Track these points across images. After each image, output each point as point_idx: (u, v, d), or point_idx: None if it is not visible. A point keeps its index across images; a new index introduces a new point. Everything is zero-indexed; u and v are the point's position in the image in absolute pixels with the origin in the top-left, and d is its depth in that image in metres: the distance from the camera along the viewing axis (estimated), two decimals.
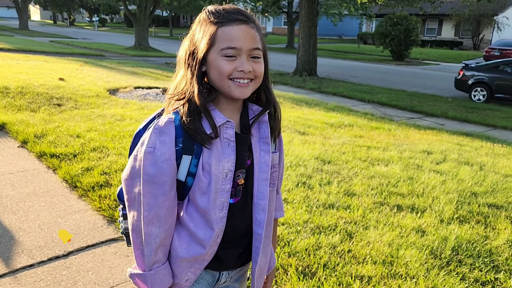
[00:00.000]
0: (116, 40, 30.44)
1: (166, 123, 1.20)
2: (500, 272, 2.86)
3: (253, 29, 1.19)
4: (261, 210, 1.30)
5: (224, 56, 1.17)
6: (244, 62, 1.18)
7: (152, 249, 1.23)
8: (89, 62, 14.93)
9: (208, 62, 1.20)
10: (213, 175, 1.21)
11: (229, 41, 1.17)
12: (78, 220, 3.35)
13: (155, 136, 1.19)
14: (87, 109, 6.81)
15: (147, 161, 1.18)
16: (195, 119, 1.19)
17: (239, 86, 1.19)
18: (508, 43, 26.67)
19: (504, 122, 9.44)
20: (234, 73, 1.18)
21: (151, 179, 1.19)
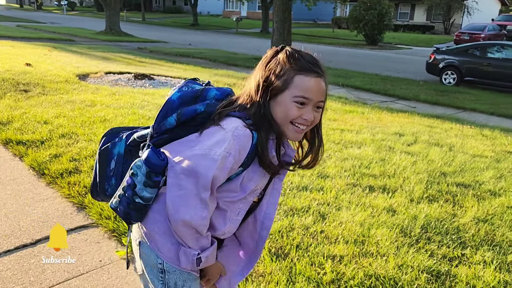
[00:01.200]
0: (86, 24, 29.57)
1: (247, 137, 1.26)
2: (467, 248, 2.94)
3: (324, 83, 1.31)
4: (265, 229, 1.48)
5: (296, 103, 1.28)
6: (309, 111, 1.30)
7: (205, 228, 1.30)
8: (57, 47, 14.47)
9: (277, 101, 1.30)
10: (248, 188, 1.35)
11: (303, 91, 1.27)
12: (47, 208, 3.27)
13: (235, 143, 1.24)
14: (56, 95, 6.61)
15: (221, 165, 1.23)
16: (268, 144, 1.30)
17: (296, 131, 1.32)
18: (477, 28, 27.26)
19: (473, 105, 9.67)
20: (299, 119, 1.30)
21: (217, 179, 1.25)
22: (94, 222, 3.09)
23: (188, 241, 1.29)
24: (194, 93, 1.37)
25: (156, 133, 1.36)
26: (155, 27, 34.47)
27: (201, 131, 1.29)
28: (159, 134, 1.36)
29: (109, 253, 2.76)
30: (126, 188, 1.33)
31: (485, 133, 6.60)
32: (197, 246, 1.31)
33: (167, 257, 1.35)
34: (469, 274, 2.63)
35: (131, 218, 1.36)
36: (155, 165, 1.28)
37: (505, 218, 3.46)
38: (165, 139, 1.35)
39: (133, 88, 8.01)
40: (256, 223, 1.48)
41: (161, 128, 1.35)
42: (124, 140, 1.43)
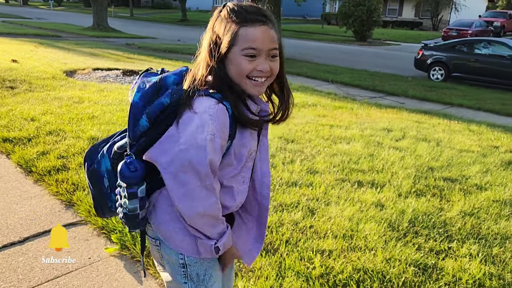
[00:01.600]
0: (73, 20, 29.21)
1: (223, 111, 1.24)
2: (453, 242, 2.99)
3: (271, 30, 1.27)
4: (266, 187, 1.47)
5: (245, 56, 1.24)
6: (263, 62, 1.26)
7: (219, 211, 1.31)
8: (44, 43, 14.28)
9: (228, 59, 1.26)
10: (243, 156, 1.34)
11: (250, 42, 1.24)
12: (35, 206, 3.24)
13: (214, 123, 1.21)
14: (43, 92, 6.53)
15: (211, 149, 1.20)
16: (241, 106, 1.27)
17: (255, 85, 1.29)
18: (465, 24, 27.51)
19: (460, 100, 9.78)
20: (253, 72, 1.26)
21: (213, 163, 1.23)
22: (83, 220, 3.07)
23: (206, 231, 1.30)
24: (154, 87, 1.32)
25: (134, 141, 1.32)
26: (144, 22, 34.18)
27: (177, 122, 1.25)
28: (137, 140, 1.31)
29: (98, 250, 2.75)
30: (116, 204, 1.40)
31: (472, 128, 6.68)
32: (215, 233, 1.32)
33: (187, 250, 1.36)
34: (456, 267, 2.67)
35: (135, 228, 1.39)
36: (128, 178, 1.29)
37: (491, 211, 3.51)
38: (145, 142, 1.30)
39: (121, 84, 7.95)
40: (255, 185, 1.46)
41: (136, 134, 1.30)
42: (106, 155, 1.41)
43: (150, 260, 2.60)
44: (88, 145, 4.28)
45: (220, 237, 1.33)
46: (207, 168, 1.21)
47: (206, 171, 1.21)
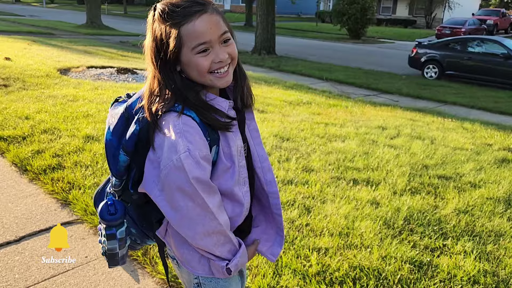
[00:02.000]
0: (66, 17, 29.02)
1: (186, 121, 1.14)
2: (448, 239, 3.01)
3: (213, 15, 1.15)
4: (268, 171, 1.38)
5: (198, 54, 1.14)
6: (218, 52, 1.16)
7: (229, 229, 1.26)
8: (37, 40, 14.18)
9: (182, 63, 1.17)
10: (234, 156, 1.24)
11: (197, 38, 1.13)
12: (30, 205, 3.23)
13: (182, 139, 1.12)
14: (36, 90, 6.49)
15: (190, 166, 1.11)
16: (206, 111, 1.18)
17: (220, 77, 1.19)
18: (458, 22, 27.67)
19: (454, 98, 9.85)
20: (213, 65, 1.16)
21: (202, 179, 1.14)
22: (79, 218, 3.06)
23: (215, 251, 1.24)
24: (122, 119, 1.25)
25: (119, 177, 1.30)
26: (138, 20, 34.01)
27: (152, 147, 1.17)
28: (122, 177, 1.29)
29: (95, 249, 2.75)
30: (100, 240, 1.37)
31: (465, 126, 6.73)
32: (225, 251, 1.26)
33: (201, 271, 1.32)
34: (450, 264, 2.70)
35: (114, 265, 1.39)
36: (106, 220, 1.29)
37: (485, 209, 3.55)
38: (136, 174, 1.26)
39: (116, 82, 7.92)
40: (258, 174, 1.38)
41: (120, 170, 1.27)
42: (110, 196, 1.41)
43: (147, 259, 2.60)
44: (83, 143, 4.27)
45: (232, 256, 1.28)
46: (193, 187, 1.13)
47: (193, 190, 1.14)
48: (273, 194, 1.40)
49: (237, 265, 1.29)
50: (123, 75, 8.72)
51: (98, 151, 4.09)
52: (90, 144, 4.25)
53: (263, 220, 1.47)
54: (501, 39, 13.32)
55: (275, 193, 1.40)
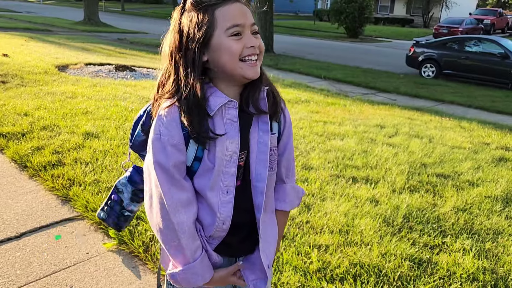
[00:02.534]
0: (64, 14, 28.89)
1: (170, 108, 1.15)
2: (447, 237, 3.04)
3: (245, 6, 1.17)
4: (259, 193, 1.25)
5: (231, 36, 1.13)
6: (251, 37, 1.15)
7: (189, 237, 1.17)
8: (34, 37, 14.12)
9: (212, 48, 1.14)
10: (217, 158, 1.16)
11: (232, 20, 1.12)
12: (30, 201, 3.23)
13: (159, 123, 1.14)
14: (35, 87, 6.48)
15: (156, 149, 1.14)
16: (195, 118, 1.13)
17: (251, 66, 1.16)
18: (456, 21, 27.75)
19: (451, 97, 9.89)
20: (244, 51, 1.14)
21: (164, 166, 1.14)
22: (80, 215, 3.07)
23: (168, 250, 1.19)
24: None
25: (136, 152, 1.39)
26: (135, 17, 33.92)
27: None
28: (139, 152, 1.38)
29: (96, 245, 2.75)
30: (114, 204, 1.48)
31: (463, 125, 6.76)
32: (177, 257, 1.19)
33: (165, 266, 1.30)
34: (450, 261, 2.72)
35: (121, 228, 1.51)
36: (137, 182, 1.36)
37: (483, 207, 3.57)
38: None
39: (114, 79, 7.91)
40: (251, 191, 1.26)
41: (134, 144, 1.36)
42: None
43: (148, 255, 2.61)
44: (83, 140, 4.26)
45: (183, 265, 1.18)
46: (154, 171, 1.14)
47: (154, 175, 1.14)
48: (258, 220, 1.27)
49: (176, 279, 1.20)
50: (121, 72, 8.71)
51: (98, 148, 4.09)
52: (89, 141, 4.25)
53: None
54: (498, 38, 13.38)
55: (258, 220, 1.27)
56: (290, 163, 1.38)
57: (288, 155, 1.36)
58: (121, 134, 4.51)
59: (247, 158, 1.24)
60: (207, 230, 1.22)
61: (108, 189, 3.33)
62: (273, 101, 1.25)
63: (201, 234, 1.23)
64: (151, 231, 2.80)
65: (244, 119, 1.21)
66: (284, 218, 1.43)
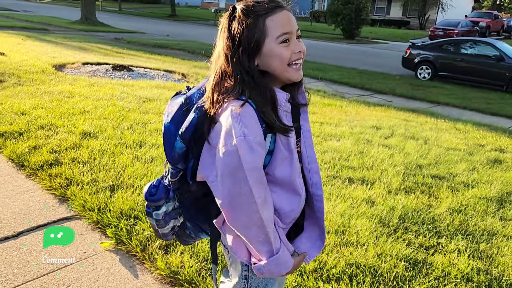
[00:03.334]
0: (61, 13, 28.81)
1: (244, 108, 1.18)
2: (442, 237, 3.07)
3: (290, 12, 1.26)
4: (315, 173, 1.37)
5: (281, 43, 1.22)
6: (297, 43, 1.25)
7: (273, 230, 1.24)
8: (31, 36, 14.08)
9: (263, 54, 1.23)
10: (291, 145, 1.26)
11: (281, 28, 1.22)
12: (28, 200, 3.23)
13: (238, 124, 1.16)
14: (32, 86, 6.47)
15: (244, 150, 1.14)
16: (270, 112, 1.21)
17: (297, 70, 1.26)
18: (451, 23, 27.86)
19: (446, 99, 9.94)
20: (293, 56, 1.24)
21: (253, 166, 1.15)
22: (77, 214, 3.08)
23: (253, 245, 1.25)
24: (181, 107, 1.33)
25: (173, 165, 1.35)
26: (132, 17, 33.88)
27: (208, 135, 1.24)
28: (176, 164, 1.35)
29: (93, 244, 2.76)
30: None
31: (458, 126, 6.81)
32: (262, 251, 1.24)
33: (246, 259, 1.34)
34: (445, 262, 2.75)
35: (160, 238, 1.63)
36: (146, 199, 1.40)
37: (478, 208, 3.61)
38: (195, 164, 1.31)
39: (111, 79, 7.91)
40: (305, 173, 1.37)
41: (174, 157, 1.32)
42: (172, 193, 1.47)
43: (146, 255, 2.63)
44: (80, 140, 4.27)
45: (268, 257, 1.24)
46: (244, 173, 1.15)
47: (243, 177, 1.15)
48: (318, 197, 1.39)
49: (263, 271, 1.26)
50: (118, 72, 8.70)
51: (96, 147, 4.10)
52: (87, 141, 4.26)
53: (307, 224, 1.46)
54: (494, 41, 13.46)
55: (320, 196, 1.39)
56: None
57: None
58: (118, 134, 4.52)
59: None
60: (286, 217, 1.31)
61: (105, 188, 3.34)
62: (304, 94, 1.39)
63: (279, 225, 1.30)
64: (149, 231, 2.81)
65: (295, 110, 1.33)
66: None
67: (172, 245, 2.72)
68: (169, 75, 9.19)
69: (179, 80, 8.79)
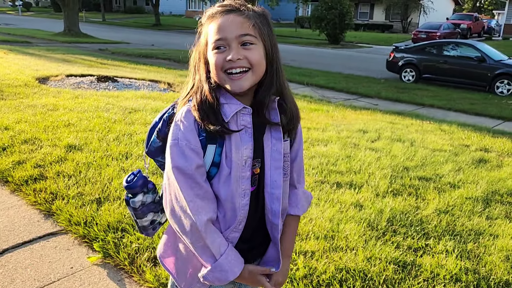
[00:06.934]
0: (43, 25, 28.58)
1: (186, 113, 1.20)
2: (430, 239, 3.09)
3: (240, 16, 1.17)
4: (276, 200, 1.29)
5: (215, 49, 1.18)
6: (233, 51, 1.15)
7: (212, 234, 1.20)
8: (14, 49, 13.92)
9: (208, 62, 1.22)
10: (233, 163, 1.20)
11: (216, 34, 1.17)
12: (12, 216, 3.18)
13: (176, 128, 1.19)
14: (15, 100, 6.39)
15: (174, 154, 1.17)
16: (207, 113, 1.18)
17: (232, 79, 1.17)
18: (434, 26, 28.31)
19: (431, 101, 10.06)
20: (225, 64, 1.16)
21: (182, 170, 1.16)
22: (63, 229, 3.03)
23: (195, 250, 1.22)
24: (170, 107, 1.33)
25: (152, 157, 1.41)
26: (116, 27, 33.74)
27: None
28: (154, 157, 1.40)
29: (80, 259, 2.72)
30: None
31: (443, 128, 6.89)
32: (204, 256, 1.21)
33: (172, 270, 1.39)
34: (433, 263, 2.77)
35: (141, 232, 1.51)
36: (124, 185, 1.38)
37: (464, 208, 3.65)
38: None
39: (96, 91, 7.84)
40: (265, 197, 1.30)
41: (150, 150, 1.38)
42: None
43: (134, 268, 2.59)
44: (65, 153, 4.22)
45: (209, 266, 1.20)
46: (173, 176, 1.17)
47: (172, 180, 1.17)
48: (274, 226, 1.32)
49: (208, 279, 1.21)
50: (103, 83, 8.64)
51: (81, 160, 4.05)
52: (72, 154, 4.21)
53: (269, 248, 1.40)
54: (475, 42, 13.68)
55: (276, 225, 1.31)
56: (301, 168, 1.43)
57: (300, 161, 1.41)
58: (104, 146, 4.48)
59: (262, 165, 1.28)
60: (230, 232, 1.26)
61: (91, 202, 3.30)
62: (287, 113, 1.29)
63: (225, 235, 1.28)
64: (137, 243, 2.78)
65: (258, 126, 1.24)
66: (296, 223, 1.46)
67: None
68: (154, 85, 9.15)
69: (165, 89, 8.76)
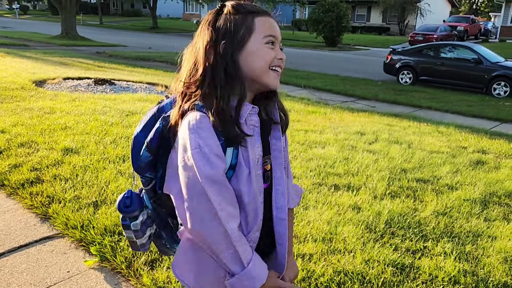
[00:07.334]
0: (41, 28, 28.55)
1: (201, 119, 1.13)
2: (428, 241, 3.08)
3: (276, 22, 1.26)
4: (281, 195, 1.32)
5: (267, 44, 1.20)
6: (279, 51, 1.24)
7: (241, 241, 1.17)
8: (11, 52, 13.90)
9: (247, 52, 1.19)
10: (251, 162, 1.20)
11: (269, 30, 1.21)
12: (8, 220, 3.16)
13: (194, 136, 1.12)
14: (12, 103, 6.37)
15: (200, 162, 1.11)
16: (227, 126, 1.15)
17: (276, 77, 1.23)
18: (430, 28, 28.42)
19: (428, 103, 10.08)
20: (274, 61, 1.21)
21: (210, 178, 1.12)
22: (60, 233, 3.01)
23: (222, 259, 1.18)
24: (153, 117, 1.28)
25: (140, 174, 1.31)
26: (114, 30, 33.73)
27: (173, 145, 1.21)
28: (143, 173, 1.31)
29: (77, 263, 2.70)
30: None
31: (441, 130, 6.90)
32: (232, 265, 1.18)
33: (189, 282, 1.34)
34: (431, 265, 2.76)
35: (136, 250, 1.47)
36: (121, 211, 1.35)
37: (462, 210, 3.64)
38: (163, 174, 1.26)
39: (93, 93, 7.83)
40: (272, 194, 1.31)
41: (140, 166, 1.28)
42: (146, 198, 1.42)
43: (131, 271, 2.58)
44: (62, 156, 4.20)
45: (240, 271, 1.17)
46: (201, 186, 1.11)
47: (201, 190, 1.12)
48: (281, 221, 1.32)
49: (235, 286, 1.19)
50: (100, 86, 8.63)
51: (78, 163, 4.03)
52: (69, 157, 4.19)
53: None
54: (472, 44, 13.73)
55: (283, 220, 1.32)
56: (287, 163, 1.44)
57: (287, 156, 1.44)
58: (101, 149, 4.46)
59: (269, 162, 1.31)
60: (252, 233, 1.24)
61: (88, 205, 3.29)
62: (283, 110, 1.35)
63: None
64: None
65: (264, 125, 1.27)
66: (290, 217, 1.47)
67: (158, 260, 2.67)
68: (152, 87, 9.15)
69: (162, 92, 8.75)
